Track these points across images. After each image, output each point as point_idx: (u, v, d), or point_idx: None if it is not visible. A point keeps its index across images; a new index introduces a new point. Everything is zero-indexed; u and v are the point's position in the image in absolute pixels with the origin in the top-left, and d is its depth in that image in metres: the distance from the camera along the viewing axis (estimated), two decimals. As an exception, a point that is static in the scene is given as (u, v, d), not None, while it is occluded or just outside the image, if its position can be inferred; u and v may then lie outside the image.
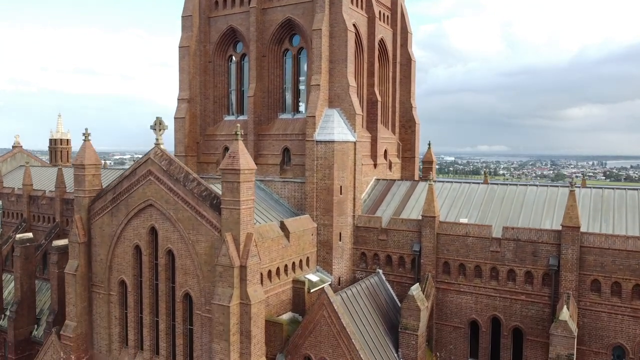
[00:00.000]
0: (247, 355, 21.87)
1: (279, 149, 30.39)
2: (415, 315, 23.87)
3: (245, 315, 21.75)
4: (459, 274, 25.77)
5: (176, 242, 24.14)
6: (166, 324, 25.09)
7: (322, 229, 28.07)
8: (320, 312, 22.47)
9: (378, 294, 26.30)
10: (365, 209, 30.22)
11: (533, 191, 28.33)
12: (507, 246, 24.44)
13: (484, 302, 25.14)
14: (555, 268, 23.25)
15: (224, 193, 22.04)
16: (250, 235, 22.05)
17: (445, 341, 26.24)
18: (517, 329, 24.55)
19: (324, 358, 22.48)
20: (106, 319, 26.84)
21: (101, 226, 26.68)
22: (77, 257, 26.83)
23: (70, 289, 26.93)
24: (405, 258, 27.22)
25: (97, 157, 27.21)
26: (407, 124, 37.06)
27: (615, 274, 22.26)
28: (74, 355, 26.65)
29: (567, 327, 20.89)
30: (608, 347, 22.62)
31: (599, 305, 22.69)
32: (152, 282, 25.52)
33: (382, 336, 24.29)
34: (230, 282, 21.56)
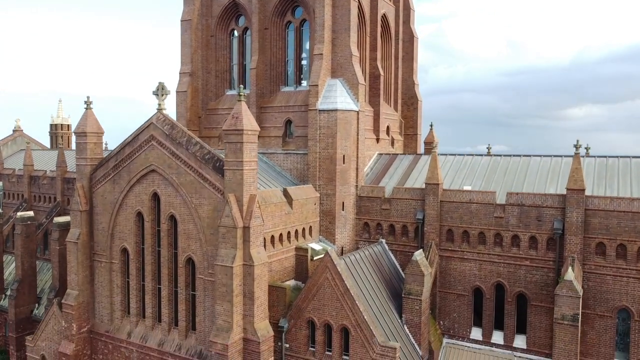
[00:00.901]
0: (250, 317, 21.73)
1: (281, 121, 30.28)
2: (419, 281, 23.74)
3: (248, 277, 21.62)
4: (463, 241, 25.66)
5: (179, 207, 24.01)
6: (168, 290, 24.95)
7: (325, 199, 27.95)
8: (324, 274, 22.33)
9: (381, 262, 26.19)
10: (368, 182, 30.11)
11: (537, 161, 28.21)
12: (511, 212, 24.33)
13: (487, 268, 25.03)
14: (560, 232, 23.13)
15: (227, 154, 21.91)
16: (253, 196, 21.92)
17: (449, 309, 26.12)
18: (522, 294, 24.43)
19: (327, 321, 22.35)
20: (108, 288, 26.71)
21: (103, 194, 26.55)
22: (79, 225, 26.69)
23: (71, 257, 26.79)
24: (409, 227, 27.10)
25: (99, 125, 27.07)
26: (410, 101, 36.93)
27: (621, 236, 22.14)
28: (75, 324, 26.50)
29: (572, 287, 20.79)
30: (613, 310, 22.50)
31: (604, 268, 22.57)
32: (154, 248, 25.38)
33: (385, 302, 24.17)
34: (233, 243, 21.42)
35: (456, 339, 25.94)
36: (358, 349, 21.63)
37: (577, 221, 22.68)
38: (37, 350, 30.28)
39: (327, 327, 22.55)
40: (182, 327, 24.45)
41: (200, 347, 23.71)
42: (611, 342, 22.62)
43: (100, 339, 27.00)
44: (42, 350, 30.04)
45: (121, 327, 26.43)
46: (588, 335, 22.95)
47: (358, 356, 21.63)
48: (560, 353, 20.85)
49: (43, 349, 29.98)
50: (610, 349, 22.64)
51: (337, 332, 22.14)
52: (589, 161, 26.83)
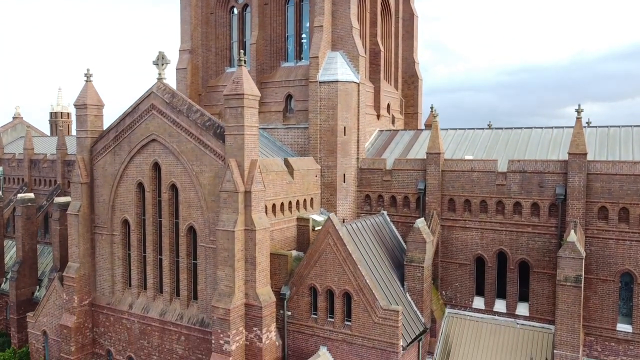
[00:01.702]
0: (252, 282, 21.67)
1: (281, 96, 30.20)
2: (421, 248, 23.66)
3: (250, 242, 21.56)
4: (465, 210, 25.59)
5: (180, 175, 23.95)
6: (170, 260, 24.89)
7: (326, 171, 27.88)
8: (326, 240, 22.27)
9: (383, 232, 26.11)
10: (369, 156, 29.99)
11: (538, 133, 28.13)
12: (513, 179, 24.26)
13: (489, 237, 24.96)
14: (562, 197, 23.06)
15: (228, 119, 21.85)
16: (254, 161, 21.85)
17: (451, 279, 26.06)
18: (524, 262, 24.36)
19: (329, 287, 22.28)
20: (109, 260, 26.64)
21: (103, 166, 26.48)
22: (80, 197, 26.62)
23: (72, 230, 26.72)
24: (410, 197, 27.03)
25: (99, 98, 27.00)
26: (410, 80, 36.84)
27: (623, 199, 22.07)
28: (76, 297, 26.45)
29: (575, 248, 20.72)
30: (616, 274, 22.43)
31: (607, 232, 22.50)
32: (156, 219, 25.32)
33: (387, 270, 24.10)
34: (234, 207, 21.35)
35: (458, 309, 25.88)
36: (360, 313, 21.57)
37: (579, 186, 22.60)
38: (39, 326, 30.24)
39: (329, 293, 22.49)
40: (184, 296, 24.40)
41: (202, 315, 23.65)
42: (614, 307, 22.55)
43: (101, 312, 26.94)
44: (44, 325, 30.01)
45: (122, 299, 26.37)
46: (591, 300, 22.88)
47: (360, 321, 21.57)
48: (563, 315, 20.77)
49: (44, 325, 29.95)
50: (614, 314, 22.57)
51: (339, 297, 22.08)
52: (590, 131, 26.74)
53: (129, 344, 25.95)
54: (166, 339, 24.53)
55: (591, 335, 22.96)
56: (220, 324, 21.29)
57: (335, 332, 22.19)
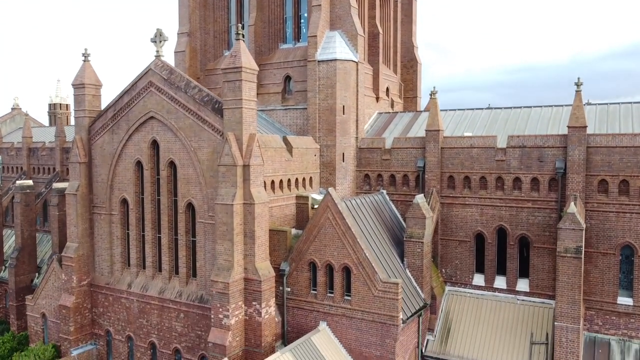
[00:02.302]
0: (251, 256, 21.59)
1: (280, 77, 30.10)
2: (421, 224, 23.58)
3: (249, 216, 21.47)
4: (464, 187, 25.51)
5: (178, 152, 23.87)
6: (168, 238, 24.80)
7: (325, 150, 27.80)
8: (325, 214, 22.18)
9: (382, 210, 26.03)
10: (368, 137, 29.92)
11: (537, 111, 28.05)
12: (513, 154, 24.18)
13: (489, 213, 24.88)
14: (562, 171, 22.98)
15: (226, 93, 21.76)
16: (253, 135, 21.78)
17: (451, 256, 25.98)
18: (524, 237, 24.28)
19: (329, 261, 22.20)
20: (108, 240, 26.56)
21: (102, 145, 26.39)
22: (78, 177, 26.54)
23: (71, 209, 26.64)
24: (409, 176, 26.95)
25: (97, 78, 26.91)
26: (409, 64, 36.77)
27: (623, 172, 22.00)
28: (75, 277, 26.36)
29: (575, 219, 20.64)
30: (616, 247, 22.35)
31: (607, 205, 22.42)
32: (154, 197, 25.24)
33: (387, 246, 24.01)
34: (233, 181, 21.27)
35: (459, 286, 25.80)
36: (360, 287, 21.49)
37: (579, 159, 22.52)
38: (37, 308, 30.16)
39: (328, 268, 22.41)
40: (183, 273, 24.32)
41: (201, 292, 23.57)
42: (615, 280, 22.47)
43: (100, 292, 26.85)
44: (42, 308, 29.93)
45: (121, 279, 26.29)
46: (591, 274, 22.80)
47: (360, 295, 21.49)
48: (563, 287, 20.69)
49: (43, 307, 29.87)
50: (614, 287, 22.49)
51: (339, 272, 21.99)
52: (590, 108, 26.65)
53: (128, 324, 25.86)
54: (165, 317, 24.44)
55: (592, 310, 22.88)
56: (219, 298, 21.21)
57: (335, 306, 22.10)
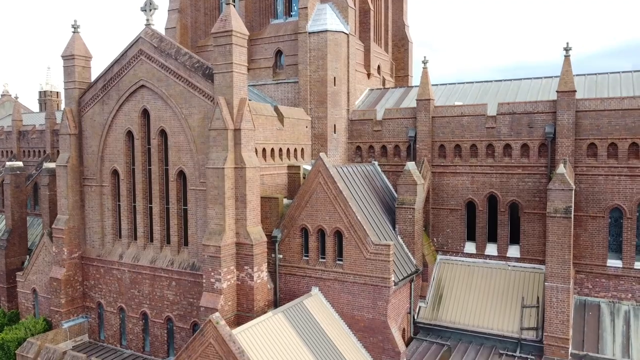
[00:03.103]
0: (242, 220, 21.57)
1: (271, 52, 30.09)
2: (412, 190, 23.67)
3: (240, 180, 21.46)
4: (455, 156, 25.63)
5: (169, 120, 23.80)
6: (160, 207, 24.73)
7: (316, 122, 27.84)
8: (316, 179, 22.20)
9: (374, 179, 26.09)
10: (360, 111, 30.00)
11: (527, 83, 28.23)
12: (503, 121, 24.33)
13: (480, 180, 25.01)
14: (552, 136, 23.16)
15: (216, 58, 21.72)
16: (243, 100, 21.76)
17: (442, 225, 26.09)
18: (514, 204, 24.44)
19: (320, 226, 22.22)
20: (99, 212, 26.44)
21: (92, 117, 26.26)
22: (68, 149, 26.40)
23: (61, 181, 26.49)
24: (401, 146, 27.05)
25: (87, 49, 26.77)
26: (400, 43, 36.90)
27: (612, 135, 22.19)
28: (66, 249, 26.21)
29: (564, 179, 20.80)
30: (605, 210, 22.54)
31: (596, 169, 22.62)
32: (145, 167, 25.15)
33: (379, 213, 24.07)
34: (224, 145, 21.24)
35: (450, 255, 25.92)
36: (352, 251, 21.54)
37: (568, 123, 22.70)
38: (28, 284, 29.99)
39: (320, 233, 22.45)
40: (174, 242, 24.25)
41: (193, 259, 23.52)
42: (604, 243, 22.66)
43: (91, 264, 26.72)
44: (33, 284, 29.76)
45: (113, 251, 26.18)
46: (581, 237, 22.99)
47: (352, 258, 21.54)
48: (553, 247, 20.84)
49: (34, 283, 29.70)
50: (603, 250, 22.68)
51: (331, 236, 22.03)
52: (579, 79, 26.79)
53: (119, 295, 25.76)
54: (157, 286, 24.37)
55: (582, 273, 23.07)
56: (211, 262, 21.18)
57: (327, 271, 22.15)
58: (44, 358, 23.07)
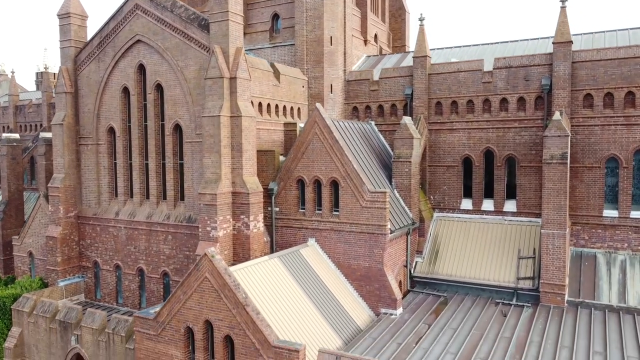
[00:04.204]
0: (238, 169, 21.54)
1: (267, 15, 30.02)
2: (408, 144, 23.66)
3: (236, 129, 21.42)
4: (451, 112, 25.63)
5: (165, 73, 23.75)
6: (156, 163, 24.67)
7: (313, 82, 27.81)
8: (312, 129, 22.16)
9: (371, 137, 26.07)
10: (356, 76, 29.96)
11: (523, 44, 28.22)
12: (499, 75, 24.34)
13: (477, 136, 25.01)
14: (548, 88, 23.16)
15: (212, 7, 21.69)
16: (239, 49, 21.71)
17: (439, 183, 26.08)
18: (511, 158, 24.44)
19: (317, 177, 22.19)
20: (95, 171, 26.39)
21: (88, 75, 26.20)
22: (64, 107, 26.34)
23: (57, 140, 26.43)
24: (397, 105, 27.04)
25: (82, 9, 26.71)
26: (397, 13, 36.90)
27: (608, 84, 22.20)
28: (62, 207, 26.14)
29: (560, 125, 20.81)
30: (601, 160, 22.55)
31: (592, 119, 22.62)
32: (141, 123, 25.10)
33: (375, 167, 24.03)
34: (220, 93, 21.20)
35: (447, 212, 25.91)
36: (348, 200, 21.51)
37: (564, 74, 22.69)
38: (24, 247, 29.93)
39: (317, 184, 22.42)
40: (171, 197, 24.20)
41: (189, 213, 23.48)
42: (600, 193, 22.67)
43: (87, 223, 26.67)
44: (29, 247, 29.70)
45: (109, 209, 26.13)
46: (577, 189, 22.99)
47: (348, 208, 21.51)
48: (549, 194, 20.84)
49: (30, 246, 29.64)
50: (600, 201, 22.69)
51: (327, 186, 22.00)
52: (575, 37, 26.80)
53: (115, 252, 25.71)
54: (153, 241, 24.33)
55: (578, 225, 23.08)
56: (207, 211, 21.14)
57: (323, 222, 22.12)
58: (40, 311, 23.01)
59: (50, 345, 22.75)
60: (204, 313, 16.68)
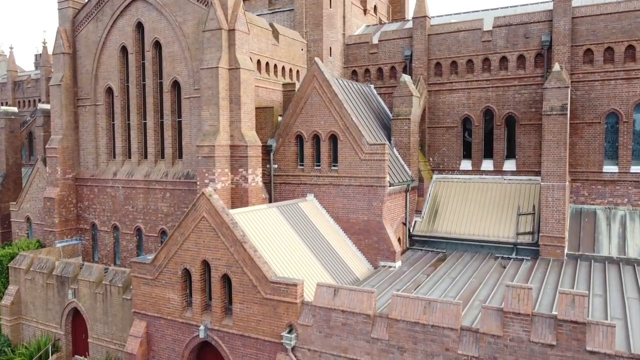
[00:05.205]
0: (237, 122, 21.41)
1: (267, -18, 29.94)
2: (408, 102, 23.56)
3: (234, 81, 21.30)
4: (451, 73, 25.52)
5: (163, 30, 23.62)
6: (154, 121, 24.54)
7: (312, 45, 27.70)
8: (311, 84, 22.05)
9: (370, 99, 25.95)
10: (356, 42, 29.83)
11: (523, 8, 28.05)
12: (499, 34, 24.23)
13: (476, 95, 24.90)
14: (548, 44, 23.05)
15: (211, -41, 21.57)
16: (238, 2, 21.58)
17: (438, 144, 25.98)
18: (510, 117, 24.33)
19: (316, 132, 22.07)
20: (93, 132, 26.27)
21: (86, 36, 26.08)
22: (62, 68, 26.22)
23: (55, 101, 26.32)
24: (397, 67, 26.93)
25: (80, -31, 26.61)
26: (397, -15, 36.75)
27: (608, 39, 22.09)
28: (59, 168, 26.03)
29: (560, 76, 20.70)
30: (602, 115, 22.45)
31: (592, 74, 22.51)
32: (139, 81, 24.97)
33: (374, 125, 23.92)
34: (218, 45, 21.08)
35: (446, 173, 25.80)
36: (347, 153, 21.39)
37: (564, 30, 22.58)
38: (22, 213, 29.80)
39: (315, 139, 22.30)
40: (169, 155, 24.07)
41: (187, 169, 23.36)
42: (600, 149, 22.57)
43: (85, 185, 26.55)
44: (27, 212, 29.57)
45: (107, 170, 26.01)
46: (577, 145, 22.89)
47: (347, 161, 21.40)
48: (549, 146, 20.73)
49: (28, 211, 29.51)
50: (599, 156, 22.59)
51: (326, 141, 21.88)
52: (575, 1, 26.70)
53: (113, 213, 25.59)
54: (151, 199, 24.21)
55: (577, 181, 22.97)
56: (205, 163, 21.02)
57: (322, 177, 21.99)
58: (37, 267, 22.90)
59: (47, 302, 22.64)
60: (202, 253, 16.57)
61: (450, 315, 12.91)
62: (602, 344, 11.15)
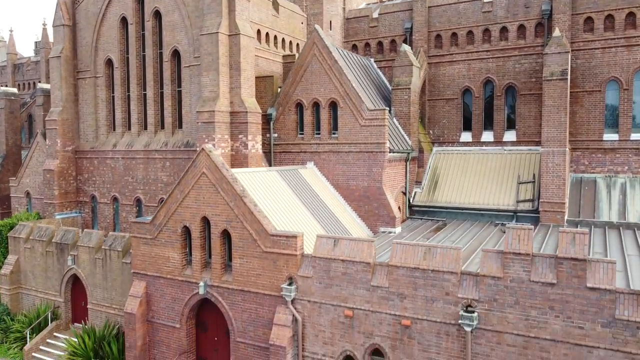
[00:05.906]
0: (237, 89, 21.38)
1: (267, -42, 29.88)
2: (408, 71, 23.55)
3: (234, 47, 21.27)
4: (451, 45, 25.50)
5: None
6: (154, 91, 24.50)
7: (312, 19, 27.68)
8: (311, 51, 22.02)
9: (370, 72, 25.93)
10: (356, 18, 29.82)
11: (524, -17, 28.06)
12: (499, 4, 24.20)
13: (476, 67, 24.88)
14: (548, 13, 23.03)
15: None
16: (238, -32, 21.56)
17: (439, 117, 25.96)
18: (511, 87, 24.31)
19: (316, 99, 22.05)
20: (92, 104, 26.24)
21: (86, 7, 26.04)
22: (62, 40, 26.18)
23: (54, 73, 26.28)
24: (397, 40, 26.91)
25: (80, -58, 26.55)
26: (397, -34, 36.69)
27: (608, 6, 22.06)
28: (59, 140, 26.00)
29: (560, 42, 20.68)
30: (602, 83, 22.42)
31: (593, 42, 22.49)
32: (139, 52, 24.93)
33: (374, 95, 23.89)
34: (218, 11, 21.05)
35: (446, 146, 25.79)
36: (347, 120, 21.37)
37: (565, -1, 22.57)
38: (21, 188, 29.76)
39: (315, 107, 22.28)
40: (169, 124, 24.03)
41: (187, 138, 23.32)
42: (600, 117, 22.55)
43: (85, 157, 26.51)
44: (27, 186, 29.53)
45: (107, 142, 25.98)
46: (578, 114, 22.87)
47: (347, 128, 21.38)
48: (549, 111, 20.71)
49: (27, 185, 29.47)
50: (600, 125, 22.57)
51: (326, 108, 21.86)
52: (576, -26, 26.68)
53: (113, 184, 25.56)
54: (151, 169, 24.18)
55: (578, 150, 22.95)
56: (205, 129, 20.99)
57: (322, 144, 21.97)
58: (36, 236, 22.87)
59: (46, 270, 22.61)
60: (201, 210, 16.55)
61: (451, 260, 12.89)
62: (602, 280, 11.12)
